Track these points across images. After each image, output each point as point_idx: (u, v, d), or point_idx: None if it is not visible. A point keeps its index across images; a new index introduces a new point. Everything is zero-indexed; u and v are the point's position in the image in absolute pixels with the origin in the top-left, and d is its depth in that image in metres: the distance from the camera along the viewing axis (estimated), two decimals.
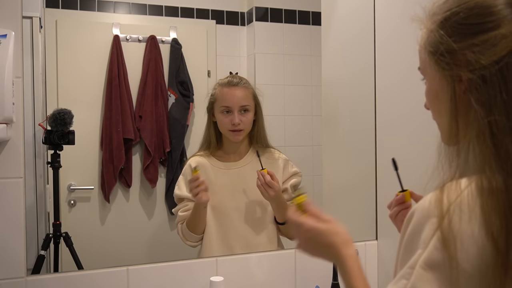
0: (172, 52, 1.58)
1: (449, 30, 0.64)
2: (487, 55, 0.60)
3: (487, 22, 0.61)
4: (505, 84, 0.59)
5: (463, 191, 0.59)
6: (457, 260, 0.57)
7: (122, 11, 1.53)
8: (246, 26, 1.68)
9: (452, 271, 0.57)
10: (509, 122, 0.58)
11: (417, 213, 0.63)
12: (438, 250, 0.58)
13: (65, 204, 1.45)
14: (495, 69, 0.59)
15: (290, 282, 1.47)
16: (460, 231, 0.58)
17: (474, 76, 0.61)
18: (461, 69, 0.62)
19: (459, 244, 0.57)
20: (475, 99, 0.61)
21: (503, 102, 0.59)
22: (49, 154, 1.35)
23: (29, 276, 1.21)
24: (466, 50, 0.62)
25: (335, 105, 1.75)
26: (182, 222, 1.48)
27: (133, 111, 1.53)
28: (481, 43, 0.61)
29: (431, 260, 0.59)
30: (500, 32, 0.60)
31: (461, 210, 0.58)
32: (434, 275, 0.58)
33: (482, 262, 0.56)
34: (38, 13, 1.36)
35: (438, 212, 0.59)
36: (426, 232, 0.60)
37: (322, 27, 1.72)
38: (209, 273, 1.36)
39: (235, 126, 1.48)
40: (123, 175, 1.53)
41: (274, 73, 1.73)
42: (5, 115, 1.10)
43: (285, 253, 1.49)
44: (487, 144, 0.59)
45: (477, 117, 0.60)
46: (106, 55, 1.51)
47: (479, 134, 0.60)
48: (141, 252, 1.52)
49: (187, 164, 1.52)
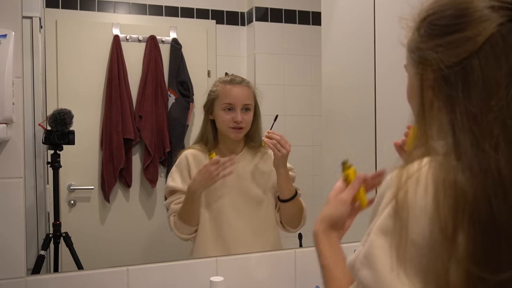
0: (172, 52, 1.58)
1: (423, 30, 0.67)
2: (449, 56, 0.63)
3: (455, 24, 0.63)
4: (466, 85, 0.61)
5: (423, 166, 0.62)
6: (407, 230, 0.60)
7: (122, 11, 1.53)
8: (246, 26, 1.68)
9: (401, 240, 0.60)
10: (468, 119, 0.60)
11: (381, 187, 0.67)
12: (391, 217, 0.62)
13: (65, 204, 1.45)
14: (456, 70, 0.62)
15: (290, 282, 1.47)
16: (414, 203, 0.60)
17: (436, 76, 0.64)
18: (426, 67, 0.66)
19: (411, 214, 0.60)
20: (437, 97, 0.64)
21: (463, 102, 0.61)
22: (49, 154, 1.35)
23: (29, 276, 1.21)
24: (431, 50, 0.65)
25: (335, 105, 1.75)
26: (175, 215, 1.48)
27: (133, 111, 1.53)
28: (446, 44, 0.63)
29: (384, 226, 0.62)
30: (465, 35, 0.62)
31: (417, 184, 0.61)
32: (386, 240, 0.62)
33: (431, 236, 0.59)
34: (38, 13, 1.36)
35: (396, 183, 0.62)
36: (384, 201, 0.64)
37: (322, 27, 1.72)
38: (209, 273, 1.36)
39: (237, 124, 1.48)
40: (123, 175, 1.53)
41: (274, 73, 1.73)
42: (5, 115, 1.10)
43: (285, 253, 1.49)
44: (448, 138, 0.62)
45: (439, 113, 0.64)
46: (106, 55, 1.51)
47: (440, 129, 0.63)
48: (141, 252, 1.52)
49: (183, 155, 1.51)
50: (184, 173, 1.49)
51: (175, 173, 1.50)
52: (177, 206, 1.47)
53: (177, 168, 1.50)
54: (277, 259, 1.47)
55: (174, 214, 1.47)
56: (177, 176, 1.49)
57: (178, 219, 1.46)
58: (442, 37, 0.64)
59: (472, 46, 0.61)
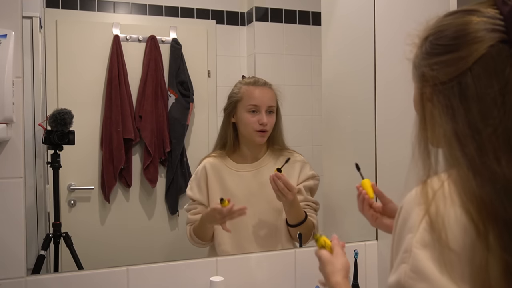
0: (172, 52, 1.58)
1: (424, 48, 0.74)
2: (443, 73, 0.69)
3: (451, 45, 0.69)
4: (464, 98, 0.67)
5: (444, 181, 0.68)
6: (446, 240, 0.64)
7: (122, 11, 1.53)
8: (246, 26, 1.68)
9: (442, 250, 0.64)
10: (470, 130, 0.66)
11: (405, 205, 0.71)
12: (427, 231, 0.66)
13: (65, 204, 1.45)
14: (452, 85, 0.68)
15: (290, 282, 1.47)
16: (445, 214, 0.65)
17: (434, 91, 0.71)
18: (425, 83, 0.73)
19: (446, 225, 0.65)
20: (437, 109, 0.71)
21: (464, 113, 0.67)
22: (49, 154, 1.35)
23: (29, 276, 1.21)
24: (429, 67, 0.72)
25: (335, 105, 1.75)
26: (191, 225, 1.48)
27: (133, 111, 1.53)
28: (441, 62, 0.70)
29: (423, 240, 0.66)
30: (458, 55, 0.68)
31: (444, 197, 0.66)
32: (428, 253, 0.65)
33: (466, 240, 0.64)
34: (38, 13, 1.36)
35: (424, 200, 0.67)
36: (414, 217, 0.68)
37: (322, 27, 1.72)
38: (209, 273, 1.36)
39: (263, 126, 1.46)
40: (123, 175, 1.53)
41: (274, 73, 1.73)
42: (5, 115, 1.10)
43: (285, 253, 1.49)
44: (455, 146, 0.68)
45: (442, 124, 0.70)
46: (106, 55, 1.51)
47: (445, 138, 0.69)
48: (141, 252, 1.52)
49: (201, 165, 1.51)
50: (201, 184, 1.49)
51: (193, 182, 1.50)
52: (193, 217, 1.48)
53: (195, 177, 1.51)
54: (277, 259, 1.46)
55: (191, 224, 1.48)
56: (194, 185, 1.50)
57: (193, 233, 1.47)
58: (439, 56, 0.71)
59: (463, 65, 0.67)
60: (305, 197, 1.54)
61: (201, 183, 1.49)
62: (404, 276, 0.67)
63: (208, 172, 1.49)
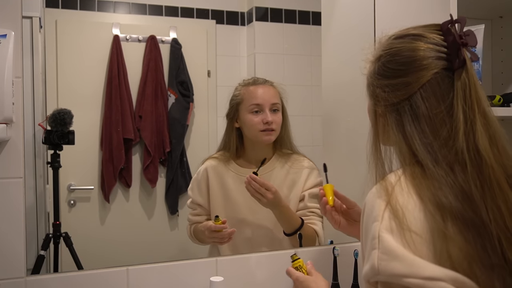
0: (172, 52, 1.58)
1: (376, 68, 0.82)
2: (392, 96, 0.78)
3: (399, 70, 0.77)
4: (415, 117, 0.76)
5: (400, 176, 0.76)
6: (407, 225, 0.70)
7: (122, 11, 1.53)
8: (246, 26, 1.68)
9: (405, 233, 0.70)
10: (424, 145, 0.75)
11: (367, 200, 0.79)
12: (391, 219, 0.72)
13: (65, 204, 1.45)
14: (403, 105, 0.77)
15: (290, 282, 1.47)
16: (404, 202, 0.72)
17: (386, 109, 0.80)
18: (377, 102, 0.82)
19: (406, 212, 0.71)
20: (390, 125, 0.80)
21: (414, 130, 0.76)
22: (49, 154, 1.35)
23: (29, 276, 1.21)
24: (380, 89, 0.80)
25: (335, 105, 1.75)
26: (192, 224, 1.48)
27: (133, 111, 1.53)
28: (391, 85, 0.78)
29: (388, 226, 0.72)
30: (406, 80, 0.76)
31: (402, 189, 0.74)
32: (394, 237, 0.71)
33: (426, 225, 0.70)
34: (38, 13, 1.36)
35: (385, 192, 0.75)
36: (377, 208, 0.74)
37: (322, 27, 1.72)
38: (209, 273, 1.36)
39: (268, 125, 1.42)
40: (123, 175, 1.53)
41: (274, 73, 1.72)
42: (5, 115, 1.10)
43: (285, 253, 1.48)
44: (410, 157, 0.77)
45: (395, 138, 0.79)
46: (106, 55, 1.51)
47: (400, 149, 0.78)
48: (141, 252, 1.52)
49: (203, 167, 1.50)
50: (201, 186, 1.49)
51: (194, 183, 1.50)
52: (193, 217, 1.49)
53: (196, 178, 1.50)
54: (277, 259, 1.46)
55: (191, 224, 1.49)
56: (195, 186, 1.50)
57: (194, 235, 1.49)
58: (389, 79, 0.79)
59: (410, 90, 0.76)
60: (305, 204, 1.51)
61: (202, 185, 1.49)
62: (377, 260, 0.71)
63: (209, 174, 1.49)
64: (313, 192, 1.51)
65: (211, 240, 1.43)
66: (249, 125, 1.45)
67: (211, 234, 1.41)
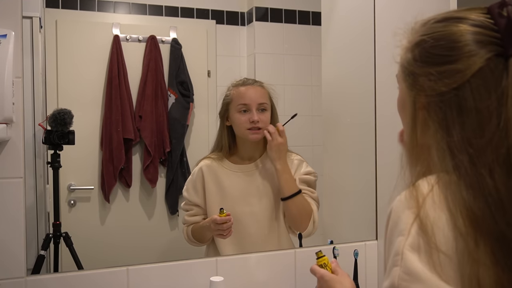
0: (172, 52, 1.58)
1: (417, 54, 0.72)
2: (440, 84, 0.68)
3: (447, 56, 0.68)
4: (459, 111, 0.67)
5: (434, 186, 0.68)
6: (436, 244, 0.64)
7: (122, 11, 1.53)
8: (246, 26, 1.68)
9: (432, 253, 0.64)
10: (464, 143, 0.66)
11: (395, 208, 0.71)
12: (418, 235, 0.66)
13: (65, 204, 1.45)
14: (449, 97, 0.68)
15: (290, 282, 1.47)
16: (436, 218, 0.66)
17: (429, 101, 0.70)
18: (420, 92, 0.71)
19: (436, 229, 0.65)
20: (431, 120, 0.70)
21: (457, 126, 0.67)
22: (49, 154, 1.35)
23: (29, 276, 1.21)
24: (424, 77, 0.70)
25: (335, 105, 1.75)
26: (188, 225, 1.49)
27: (133, 111, 1.53)
28: (437, 73, 0.69)
29: (414, 243, 0.66)
30: (456, 67, 0.67)
31: (433, 202, 0.67)
32: (420, 256, 0.65)
33: (458, 244, 0.64)
34: (38, 13, 1.36)
35: (414, 203, 0.68)
36: (404, 221, 0.68)
37: (322, 27, 1.72)
38: (209, 273, 1.36)
39: (254, 124, 1.47)
40: (123, 175, 1.53)
41: (274, 73, 1.73)
42: (5, 115, 1.10)
43: (285, 253, 1.49)
44: (447, 158, 0.68)
45: (435, 134, 0.69)
46: (106, 55, 1.51)
47: (438, 148, 0.69)
48: (141, 252, 1.52)
49: (198, 167, 1.51)
50: (197, 185, 1.50)
51: (189, 184, 1.51)
52: (190, 218, 1.49)
53: (191, 178, 1.52)
54: (277, 259, 1.46)
55: (188, 225, 1.49)
56: (190, 187, 1.51)
57: (191, 235, 1.49)
58: (434, 66, 0.69)
59: (461, 78, 0.67)
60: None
61: (197, 184, 1.50)
62: (397, 279, 0.67)
63: (204, 173, 1.50)
64: (302, 178, 1.54)
65: (216, 233, 1.44)
66: (237, 124, 1.50)
67: (216, 227, 1.42)
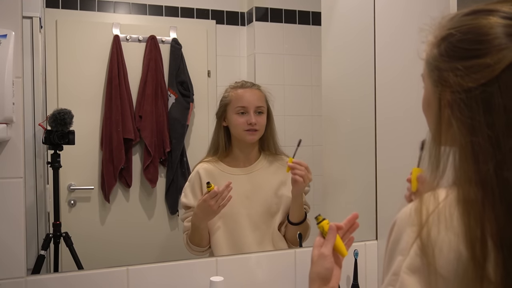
0: (172, 52, 1.58)
1: (443, 49, 0.68)
2: (467, 80, 0.63)
3: (475, 50, 0.64)
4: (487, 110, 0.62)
5: (440, 203, 0.64)
6: (435, 266, 0.62)
7: (122, 11, 1.53)
8: (246, 26, 1.68)
9: (431, 276, 0.62)
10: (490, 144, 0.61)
11: (398, 222, 0.69)
12: (418, 256, 0.63)
13: (65, 204, 1.45)
14: (476, 94, 0.62)
15: (290, 282, 1.47)
16: (438, 240, 0.62)
17: (455, 97, 0.65)
18: (445, 88, 0.66)
19: (437, 251, 0.62)
20: (455, 118, 0.65)
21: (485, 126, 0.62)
22: (49, 154, 1.35)
23: (29, 276, 1.21)
24: (450, 72, 0.65)
25: (335, 105, 1.75)
26: (187, 233, 1.49)
27: (133, 111, 1.53)
28: (465, 68, 0.64)
29: (413, 265, 0.64)
30: (485, 61, 0.62)
31: (439, 220, 0.63)
32: (416, 279, 0.63)
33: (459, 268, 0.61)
34: (38, 13, 1.36)
35: (417, 221, 0.64)
36: (405, 239, 0.66)
37: (322, 27, 1.72)
38: (209, 273, 1.36)
39: (251, 126, 1.49)
40: (123, 175, 1.53)
41: (274, 73, 1.73)
42: (5, 115, 1.10)
43: (285, 253, 1.49)
44: (468, 161, 0.63)
45: (458, 134, 0.64)
46: (106, 55, 1.51)
47: (461, 150, 0.64)
48: (141, 252, 1.52)
49: (195, 171, 1.51)
50: (195, 189, 1.49)
51: (187, 189, 1.50)
52: (189, 224, 1.48)
53: (189, 184, 1.51)
54: (277, 259, 1.46)
55: (187, 232, 1.49)
56: (188, 191, 1.50)
57: (190, 241, 1.47)
58: (462, 61, 0.65)
59: (490, 73, 0.62)
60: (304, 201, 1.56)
61: (196, 189, 1.49)
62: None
63: (202, 177, 1.49)
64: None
65: (217, 205, 1.38)
66: (234, 125, 1.51)
67: (213, 201, 1.38)
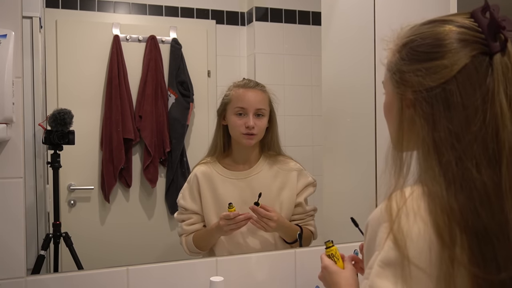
0: (172, 52, 1.58)
1: (404, 54, 0.74)
2: (428, 80, 0.70)
3: (434, 52, 0.70)
4: (446, 106, 0.69)
5: (407, 198, 0.69)
6: (408, 257, 0.66)
7: (122, 11, 1.53)
8: (246, 26, 1.68)
9: (404, 267, 0.66)
10: (451, 138, 0.67)
11: (371, 222, 0.74)
12: (391, 249, 0.67)
13: (65, 204, 1.45)
14: (436, 92, 0.69)
15: (290, 282, 1.47)
16: (409, 231, 0.67)
17: (417, 96, 0.71)
18: (407, 88, 0.73)
19: (409, 242, 0.66)
20: (418, 116, 0.71)
21: (445, 121, 0.68)
22: (49, 154, 1.35)
23: (29, 276, 1.21)
24: (412, 73, 0.72)
25: (335, 105, 1.75)
26: (187, 235, 1.48)
27: (133, 111, 1.53)
28: (425, 69, 0.71)
29: (387, 258, 0.68)
30: (442, 62, 0.69)
31: (407, 213, 0.68)
32: (390, 271, 0.67)
33: (432, 255, 0.65)
34: (38, 13, 1.36)
35: (388, 218, 0.69)
36: (380, 235, 0.70)
37: (322, 27, 1.72)
38: (209, 273, 1.36)
39: (249, 129, 1.45)
40: (123, 175, 1.53)
41: (274, 73, 1.73)
42: (5, 115, 1.10)
43: (285, 253, 1.49)
44: (432, 154, 0.69)
45: (421, 131, 0.70)
46: (106, 55, 1.51)
47: (424, 145, 0.70)
48: (141, 252, 1.52)
49: (193, 173, 1.50)
50: (193, 192, 1.49)
51: (186, 191, 1.49)
52: (188, 227, 1.47)
53: (187, 186, 1.50)
54: (277, 259, 1.46)
55: (186, 235, 1.48)
56: (187, 194, 1.49)
57: (193, 245, 1.46)
58: (422, 63, 0.71)
59: (448, 73, 0.69)
60: (304, 210, 1.55)
61: (194, 191, 1.49)
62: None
63: (200, 180, 1.48)
64: (307, 194, 1.55)
65: (228, 228, 1.41)
66: (232, 126, 1.48)
67: (228, 222, 1.40)
